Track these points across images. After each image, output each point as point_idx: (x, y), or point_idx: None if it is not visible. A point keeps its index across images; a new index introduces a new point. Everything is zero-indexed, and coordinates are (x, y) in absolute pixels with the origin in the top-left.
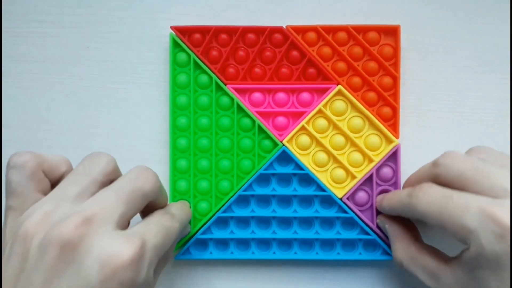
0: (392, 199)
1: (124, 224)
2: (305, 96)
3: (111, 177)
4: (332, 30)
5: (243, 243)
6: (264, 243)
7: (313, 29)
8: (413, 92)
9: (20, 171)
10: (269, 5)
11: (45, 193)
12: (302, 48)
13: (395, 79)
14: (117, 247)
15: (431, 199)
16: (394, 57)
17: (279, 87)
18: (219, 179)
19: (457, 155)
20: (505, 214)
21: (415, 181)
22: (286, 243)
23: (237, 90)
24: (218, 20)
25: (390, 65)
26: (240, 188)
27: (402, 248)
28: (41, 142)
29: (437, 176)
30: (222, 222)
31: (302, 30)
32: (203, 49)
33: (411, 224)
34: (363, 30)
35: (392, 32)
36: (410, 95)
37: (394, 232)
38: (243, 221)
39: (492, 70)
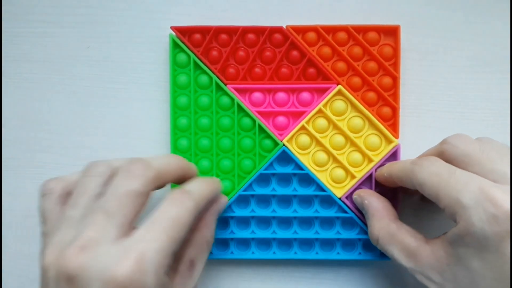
0: (394, 166)
1: (128, 228)
2: (305, 96)
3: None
4: (332, 30)
5: (243, 243)
6: (264, 243)
7: (313, 29)
8: (413, 92)
9: (47, 198)
10: (269, 5)
11: None
12: (302, 48)
13: (395, 79)
14: (113, 266)
15: (434, 170)
16: (394, 57)
17: (279, 87)
18: (220, 179)
19: (466, 137)
20: (503, 197)
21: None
22: (286, 243)
23: (237, 90)
24: (218, 20)
25: (390, 65)
26: (240, 188)
27: (381, 224)
28: (41, 142)
29: (443, 152)
30: (222, 222)
31: (302, 30)
32: (203, 49)
33: (390, 203)
34: (363, 30)
35: (392, 32)
36: (410, 95)
37: (374, 208)
38: (243, 221)
39: (492, 70)
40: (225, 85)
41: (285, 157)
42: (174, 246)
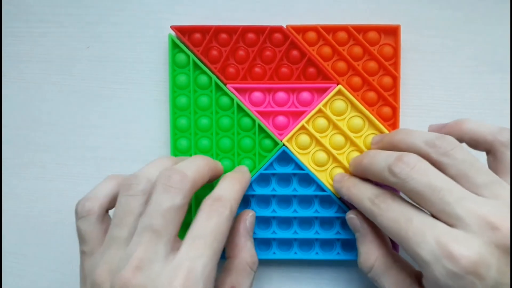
0: (353, 194)
1: (174, 242)
2: (305, 95)
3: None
4: (332, 29)
5: None
6: (264, 243)
7: (313, 28)
8: (413, 92)
9: (86, 220)
10: (269, 5)
11: None
12: (302, 48)
13: (395, 79)
14: (167, 284)
15: (393, 216)
16: (394, 57)
17: (279, 86)
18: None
19: (414, 164)
20: (459, 252)
21: (372, 177)
22: (286, 243)
23: (237, 89)
24: (218, 20)
25: (390, 65)
26: None
27: (379, 253)
28: (41, 142)
29: (394, 186)
30: None
31: (302, 30)
32: (203, 49)
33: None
34: (363, 30)
35: (392, 32)
36: (410, 95)
37: (374, 234)
38: None
39: (492, 70)
40: (225, 84)
41: (285, 157)
42: (218, 256)
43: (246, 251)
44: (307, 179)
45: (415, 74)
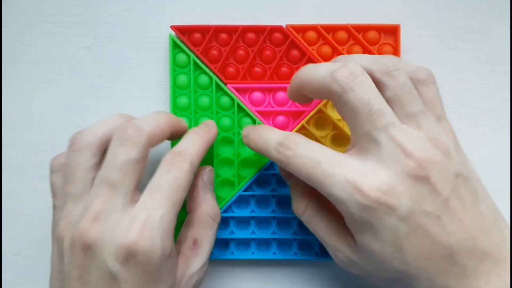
0: (259, 145)
1: (133, 194)
2: None
3: (104, 148)
4: (332, 29)
5: (243, 243)
6: (264, 243)
7: (313, 28)
8: None
9: (57, 174)
10: (269, 5)
11: None
12: (302, 47)
13: None
14: (123, 234)
15: (301, 163)
16: None
17: (279, 86)
18: (220, 179)
19: (358, 75)
20: (369, 187)
21: (309, 87)
22: (285, 243)
23: (237, 89)
24: (218, 20)
25: None
26: (240, 189)
27: (310, 198)
28: (41, 142)
29: (331, 96)
30: (222, 222)
31: (302, 29)
32: (203, 49)
33: None
34: (363, 29)
35: (392, 31)
36: None
37: (297, 184)
38: (243, 221)
39: (492, 70)
40: (225, 84)
41: None
42: (176, 208)
43: (205, 204)
44: None
45: None
